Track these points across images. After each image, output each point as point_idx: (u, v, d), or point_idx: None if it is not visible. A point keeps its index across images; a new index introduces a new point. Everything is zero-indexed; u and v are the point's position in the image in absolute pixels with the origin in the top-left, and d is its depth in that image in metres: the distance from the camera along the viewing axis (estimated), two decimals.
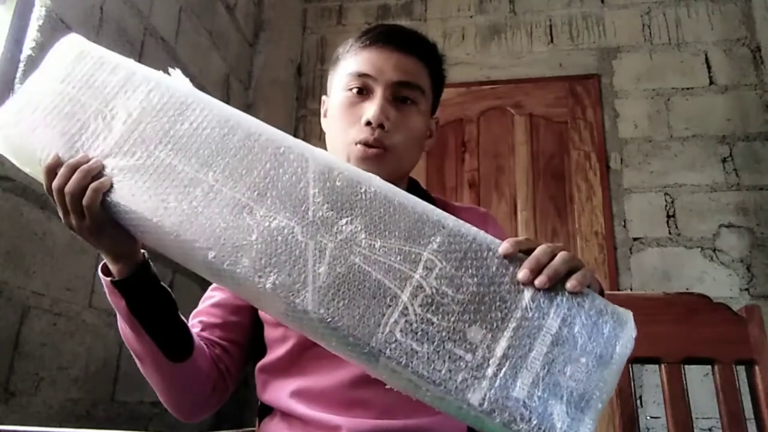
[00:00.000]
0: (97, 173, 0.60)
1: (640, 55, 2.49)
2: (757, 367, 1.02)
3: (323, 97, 0.92)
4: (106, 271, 0.69)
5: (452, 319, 0.52)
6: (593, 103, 2.47)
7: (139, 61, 0.68)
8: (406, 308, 0.53)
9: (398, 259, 0.54)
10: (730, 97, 2.36)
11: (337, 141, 0.84)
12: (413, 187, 0.92)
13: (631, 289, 2.20)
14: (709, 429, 1.98)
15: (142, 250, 0.69)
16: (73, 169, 0.61)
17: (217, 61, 2.28)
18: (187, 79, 0.66)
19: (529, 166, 2.46)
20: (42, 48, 1.35)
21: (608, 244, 2.29)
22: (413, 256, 0.55)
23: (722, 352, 1.04)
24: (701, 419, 1.92)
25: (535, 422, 0.49)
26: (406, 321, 0.52)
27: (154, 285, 0.70)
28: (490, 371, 0.51)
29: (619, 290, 2.20)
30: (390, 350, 0.51)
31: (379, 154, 0.80)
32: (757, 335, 1.04)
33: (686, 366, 1.05)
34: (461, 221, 0.57)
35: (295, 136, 2.58)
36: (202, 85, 2.13)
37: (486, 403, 0.50)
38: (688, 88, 2.41)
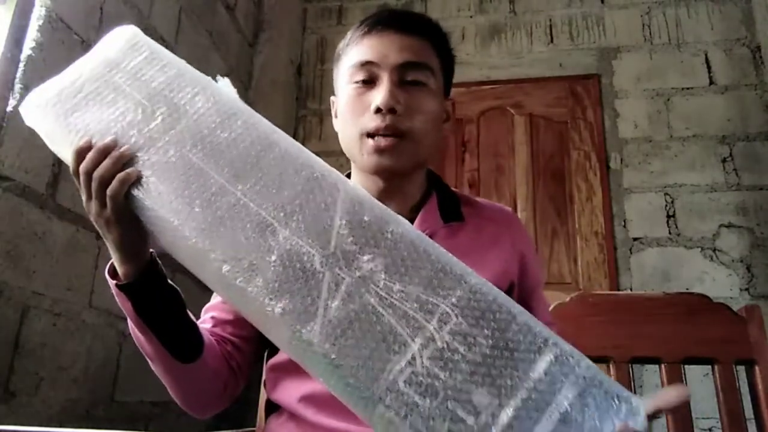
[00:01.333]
0: (127, 162, 0.59)
1: (640, 55, 2.49)
2: (757, 367, 1.02)
3: (332, 98, 0.89)
4: (113, 273, 0.68)
5: (460, 378, 0.50)
6: (593, 103, 2.47)
7: None
8: (414, 359, 0.51)
9: (414, 306, 0.53)
10: (730, 97, 2.36)
11: (348, 137, 0.81)
12: (434, 182, 0.90)
13: (631, 289, 2.20)
14: (709, 429, 1.98)
15: (151, 249, 0.68)
16: (104, 153, 0.59)
17: (217, 61, 2.28)
18: (234, 90, 0.65)
19: (529, 166, 2.46)
20: (42, 48, 1.35)
21: (608, 244, 2.29)
22: (430, 306, 0.53)
23: (722, 352, 1.04)
24: (701, 419, 1.92)
25: None
26: (412, 372, 0.50)
27: (162, 285, 0.69)
28: None
29: (619, 290, 2.20)
30: (390, 399, 0.49)
31: (393, 143, 0.77)
32: (757, 335, 1.04)
33: (686, 366, 1.05)
34: (484, 279, 0.55)
35: (295, 136, 2.60)
36: None
37: None
38: (688, 88, 2.41)
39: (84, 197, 0.62)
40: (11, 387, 1.24)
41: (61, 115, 0.63)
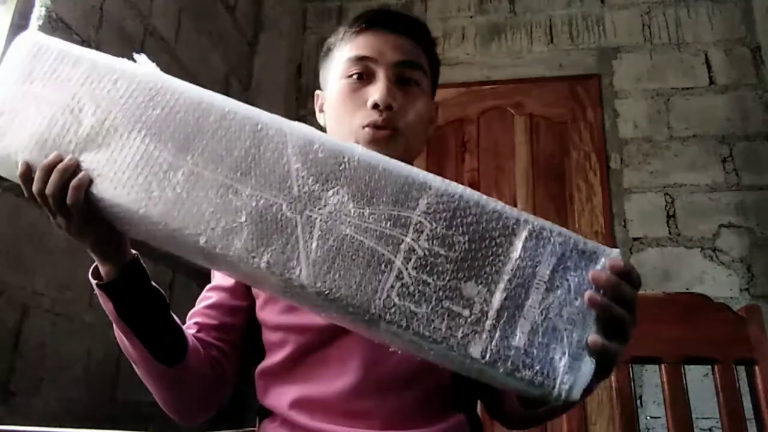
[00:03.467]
0: (74, 170, 0.59)
1: (640, 55, 2.49)
2: (757, 367, 1.02)
3: (317, 92, 0.90)
4: (96, 274, 0.68)
5: (447, 277, 0.53)
6: (593, 103, 2.47)
7: None
8: (401, 272, 0.53)
9: (388, 224, 0.55)
10: (730, 97, 2.36)
11: (341, 129, 0.81)
12: None
13: None
14: (709, 429, 1.98)
15: (134, 251, 0.68)
16: (49, 170, 0.59)
17: (217, 61, 2.28)
18: (154, 64, 0.65)
19: (529, 166, 2.46)
20: None
21: (608, 244, 2.28)
22: (403, 220, 0.55)
23: (722, 352, 1.04)
24: (701, 419, 1.92)
25: (537, 368, 0.51)
26: (402, 284, 0.53)
27: (145, 287, 0.68)
28: (488, 324, 0.52)
29: None
30: (389, 315, 0.52)
31: (389, 135, 0.78)
32: (757, 335, 1.04)
33: (686, 366, 1.05)
34: (447, 180, 0.57)
35: None
36: (202, 85, 2.13)
37: (488, 355, 0.51)
38: (688, 88, 2.41)
39: (49, 215, 0.62)
40: (11, 387, 1.24)
41: None
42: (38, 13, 1.36)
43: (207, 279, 0.89)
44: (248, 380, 0.86)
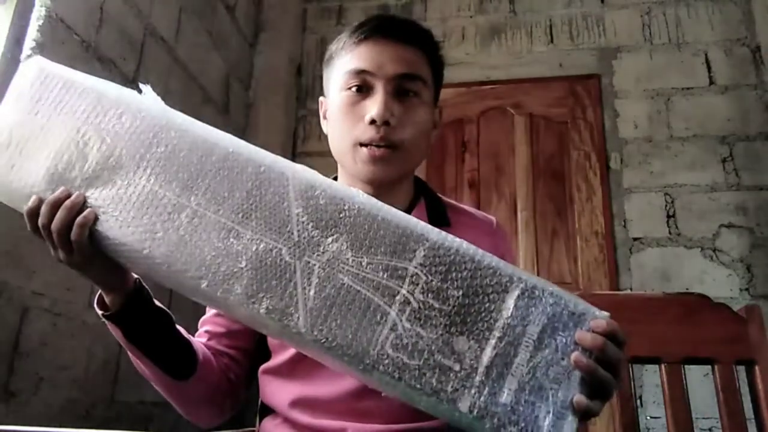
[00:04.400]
0: (81, 207, 0.59)
1: (640, 55, 2.49)
2: (757, 367, 1.02)
3: (321, 99, 0.89)
4: (101, 302, 0.69)
5: (440, 331, 0.54)
6: (593, 103, 2.47)
7: (140, 61, 0.67)
8: (396, 324, 0.54)
9: (385, 275, 0.55)
10: (730, 97, 2.36)
11: (341, 144, 0.81)
12: (421, 188, 0.90)
13: (631, 289, 2.20)
14: (709, 429, 1.98)
15: (135, 276, 0.68)
16: (56, 206, 0.59)
17: (217, 61, 2.28)
18: (159, 98, 0.64)
19: (529, 166, 2.46)
20: (42, 48, 1.35)
21: (608, 244, 2.29)
22: (399, 271, 0.56)
23: (722, 352, 1.04)
24: (701, 419, 1.92)
25: (522, 425, 0.52)
26: (396, 336, 0.54)
27: (150, 309, 0.69)
28: (477, 380, 0.53)
29: (619, 290, 2.20)
30: (383, 366, 0.53)
31: (386, 154, 0.78)
32: (757, 335, 1.04)
33: (686, 366, 1.05)
34: (444, 233, 0.57)
35: (295, 136, 2.60)
36: (203, 85, 2.14)
37: (476, 410, 0.53)
38: (688, 88, 2.41)
39: (50, 248, 0.62)
40: (11, 387, 1.24)
41: (4, 174, 0.63)
42: (38, 13, 1.36)
43: None
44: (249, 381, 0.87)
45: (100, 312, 0.69)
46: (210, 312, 0.86)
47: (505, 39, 2.62)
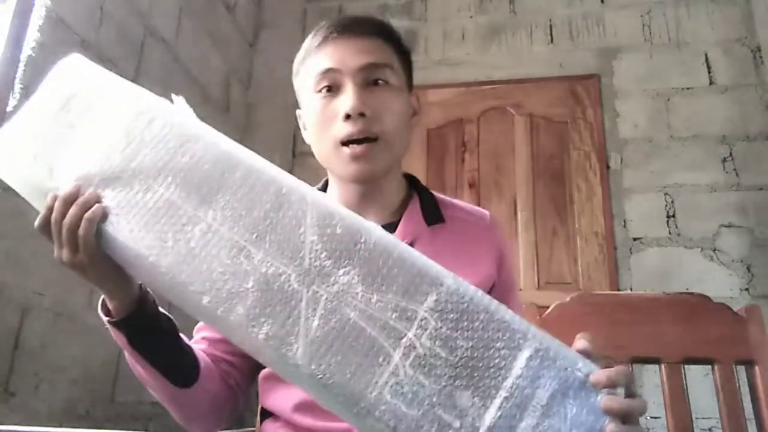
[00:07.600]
0: (92, 205, 0.59)
1: (640, 55, 2.49)
2: (757, 367, 1.02)
3: (297, 112, 0.89)
4: (105, 307, 0.69)
5: (443, 382, 0.51)
6: (593, 103, 2.47)
7: (139, 62, 0.67)
8: (398, 368, 0.51)
9: (394, 315, 0.53)
10: (730, 97, 2.36)
11: (323, 148, 0.81)
12: (412, 184, 0.90)
13: (631, 289, 2.20)
14: (709, 429, 1.98)
15: (140, 282, 0.68)
16: (69, 202, 0.59)
17: (217, 61, 2.28)
18: (191, 109, 0.64)
19: (529, 166, 2.46)
20: (42, 48, 1.35)
21: (608, 244, 2.29)
22: (409, 313, 0.53)
23: (722, 352, 1.04)
24: (701, 419, 1.92)
25: None
26: (396, 382, 0.51)
27: (154, 315, 0.69)
28: None
29: (619, 290, 2.20)
30: (379, 412, 0.50)
31: (367, 149, 0.77)
32: (757, 335, 1.04)
33: (686, 366, 1.05)
34: (460, 279, 0.55)
35: (295, 136, 2.59)
36: (203, 85, 2.14)
37: None
38: (688, 88, 2.41)
39: (55, 246, 0.62)
40: (11, 387, 1.24)
41: (24, 166, 0.63)
42: (38, 13, 1.36)
43: None
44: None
45: (105, 318, 0.68)
46: None
47: (505, 39, 2.62)
